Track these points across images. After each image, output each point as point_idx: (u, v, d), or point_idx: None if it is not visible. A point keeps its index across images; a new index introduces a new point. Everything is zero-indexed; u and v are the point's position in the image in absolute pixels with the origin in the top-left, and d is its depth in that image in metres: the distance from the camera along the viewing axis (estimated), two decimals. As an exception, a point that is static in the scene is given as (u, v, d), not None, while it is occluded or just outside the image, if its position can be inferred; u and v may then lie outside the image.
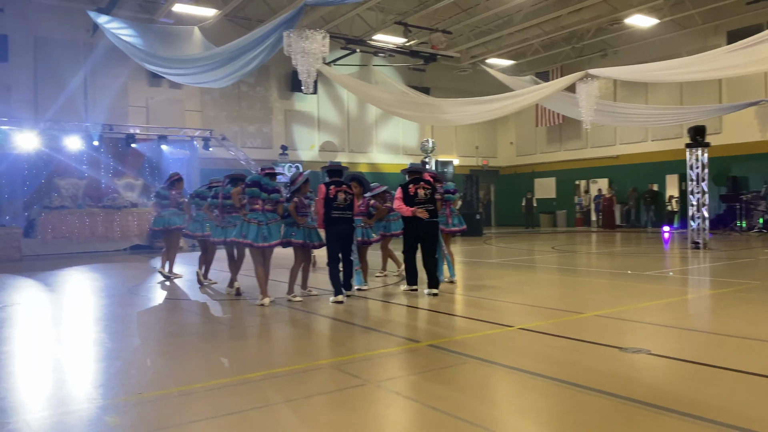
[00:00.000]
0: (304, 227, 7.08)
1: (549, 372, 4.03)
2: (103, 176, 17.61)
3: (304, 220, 7.06)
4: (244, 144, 21.94)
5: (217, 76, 11.24)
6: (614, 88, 24.13)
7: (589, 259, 12.53)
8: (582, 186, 26.85)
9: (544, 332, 5.27)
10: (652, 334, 5.28)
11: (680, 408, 3.31)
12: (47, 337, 5.63)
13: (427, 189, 7.61)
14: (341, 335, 5.55)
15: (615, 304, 6.67)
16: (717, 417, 3.16)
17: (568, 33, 22.73)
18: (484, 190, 28.87)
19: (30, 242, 15.25)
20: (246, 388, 3.83)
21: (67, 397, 3.76)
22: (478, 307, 6.86)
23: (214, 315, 6.73)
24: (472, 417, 3.27)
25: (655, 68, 14.03)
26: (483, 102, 15.06)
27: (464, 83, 26.35)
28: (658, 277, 9.13)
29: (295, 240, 7.03)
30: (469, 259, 12.39)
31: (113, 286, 9.22)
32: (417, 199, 7.49)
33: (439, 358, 4.53)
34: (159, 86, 20.27)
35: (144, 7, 18.97)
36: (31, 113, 17.79)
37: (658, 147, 23.65)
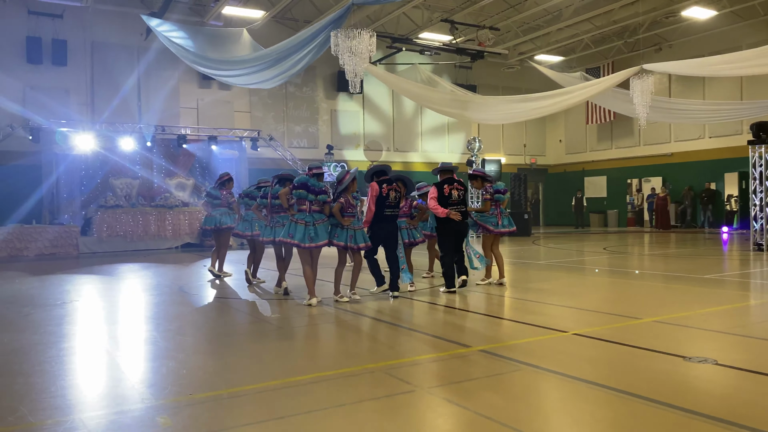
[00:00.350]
0: (348, 228, 7.02)
1: (607, 381, 3.86)
2: (156, 176, 18.07)
3: (348, 221, 6.96)
4: (291, 144, 22.17)
5: (266, 76, 11.37)
6: (669, 84, 23.31)
7: (643, 261, 12.10)
8: (634, 185, 26.05)
9: (600, 338, 5.08)
10: (717, 342, 5.01)
11: (751, 424, 3.10)
12: (103, 334, 5.76)
13: (460, 190, 7.64)
14: (389, 338, 5.48)
15: (674, 310, 6.39)
16: (795, 436, 2.95)
17: (621, 27, 22.05)
18: (532, 189, 28.36)
19: (86, 240, 15.78)
20: (295, 391, 3.80)
21: (120, 396, 3.81)
22: (528, 310, 6.68)
23: (262, 314, 6.77)
24: (526, 428, 3.14)
25: (714, 62, 13.48)
26: (532, 99, 14.77)
27: (511, 80, 25.94)
28: (719, 281, 8.72)
29: (337, 242, 6.98)
30: (517, 260, 12.15)
31: (165, 284, 9.42)
32: (451, 200, 7.51)
33: (490, 364, 4.41)
34: (209, 88, 20.68)
35: (194, 10, 19.38)
36: (87, 115, 18.42)
37: (716, 144, 22.71)
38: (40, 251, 15.02)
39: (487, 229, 8.42)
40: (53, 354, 4.90)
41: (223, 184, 9.95)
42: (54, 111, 17.27)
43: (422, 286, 8.44)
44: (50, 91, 18.00)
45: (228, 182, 9.98)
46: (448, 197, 7.50)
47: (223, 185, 9.94)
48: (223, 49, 14.22)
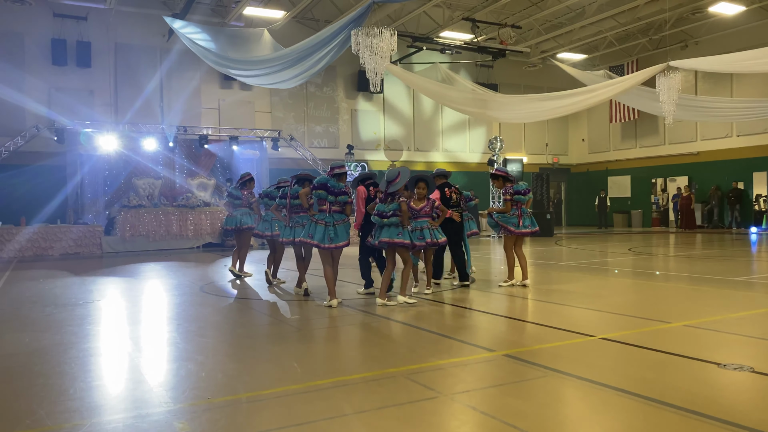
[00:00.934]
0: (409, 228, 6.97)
1: (638, 389, 3.71)
2: (178, 176, 18.20)
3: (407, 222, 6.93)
4: (312, 144, 22.17)
5: (287, 76, 11.35)
6: (695, 81, 22.85)
7: (670, 263, 11.82)
8: (659, 184, 25.60)
9: (628, 343, 4.92)
10: (752, 348, 4.83)
11: (796, 437, 2.94)
12: (123, 335, 5.75)
13: (457, 193, 8.43)
14: (411, 341, 5.38)
15: (705, 314, 6.19)
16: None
17: (645, 24, 21.68)
18: (554, 189, 28.03)
19: (110, 239, 15.94)
20: (316, 395, 3.72)
21: (139, 399, 3.77)
22: (553, 313, 6.52)
23: (282, 316, 6.71)
24: (556, 438, 3.02)
25: (742, 58, 13.16)
26: (555, 98, 14.57)
27: (533, 79, 25.66)
28: (751, 284, 8.47)
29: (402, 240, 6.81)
30: (540, 261, 11.96)
31: (186, 284, 9.43)
32: (451, 202, 8.21)
33: (516, 369, 4.28)
34: (230, 88, 20.78)
35: (216, 11, 19.47)
36: (111, 116, 18.61)
37: (744, 143, 22.20)
38: (65, 250, 15.21)
39: (508, 229, 8.28)
40: (74, 355, 4.89)
41: (244, 184, 9.93)
42: (78, 112, 17.49)
43: (444, 288, 8.32)
44: (75, 93, 18.24)
45: (249, 182, 9.95)
46: (449, 199, 8.17)
47: (244, 185, 9.92)
48: (244, 49, 14.26)
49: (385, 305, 6.81)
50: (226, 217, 10.26)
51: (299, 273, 8.06)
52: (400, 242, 6.75)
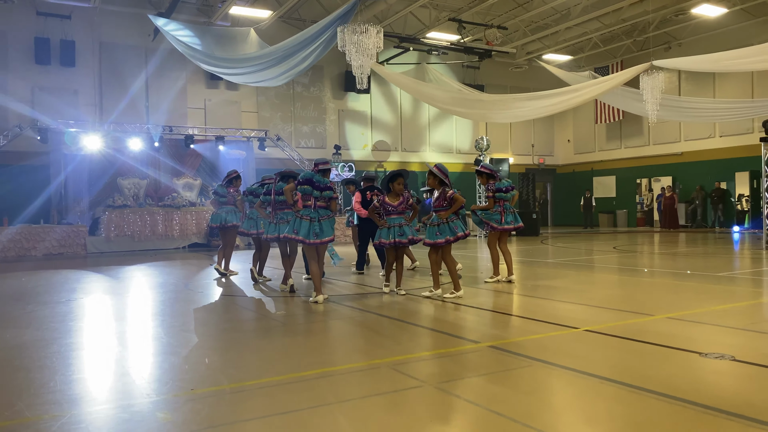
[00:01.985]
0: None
1: (621, 377, 3.73)
2: (163, 176, 18.06)
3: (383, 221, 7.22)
4: (299, 144, 22.12)
5: (274, 74, 11.31)
6: (679, 82, 23.10)
7: (654, 260, 11.93)
8: (644, 184, 25.83)
9: (612, 334, 4.95)
10: (734, 338, 4.88)
11: (775, 420, 2.98)
12: (106, 330, 5.69)
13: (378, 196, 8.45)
14: (396, 334, 5.37)
15: (688, 307, 6.25)
16: (820, 432, 2.82)
17: (630, 26, 21.90)
18: (540, 189, 28.19)
19: (94, 240, 15.78)
20: (300, 386, 3.71)
21: (121, 391, 3.73)
22: (538, 307, 6.55)
23: (268, 312, 6.68)
24: (538, 424, 3.03)
25: (725, 57, 13.30)
26: (540, 97, 14.64)
27: (519, 80, 25.80)
28: (733, 279, 8.56)
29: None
30: (526, 259, 12.01)
31: (171, 282, 9.36)
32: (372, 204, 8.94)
33: (500, 360, 4.29)
34: (216, 88, 20.69)
35: (202, 10, 19.37)
36: (96, 116, 18.44)
37: (726, 143, 22.47)
38: (48, 251, 15.02)
39: (492, 226, 8.29)
40: (55, 350, 4.83)
41: (230, 182, 9.87)
42: (62, 111, 17.31)
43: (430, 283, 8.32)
44: (58, 92, 18.05)
45: (235, 180, 9.88)
46: (370, 202, 8.62)
47: (231, 183, 9.86)
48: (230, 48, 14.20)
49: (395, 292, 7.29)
50: (212, 215, 10.19)
51: (285, 270, 8.03)
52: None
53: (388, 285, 7.52)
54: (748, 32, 20.87)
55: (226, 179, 9.93)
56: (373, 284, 8.54)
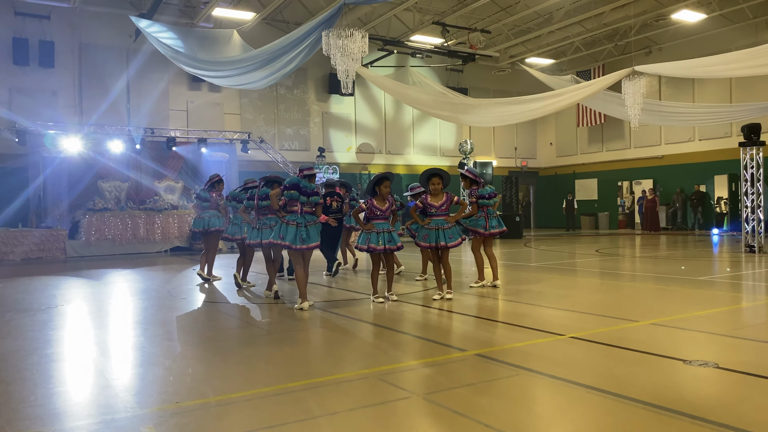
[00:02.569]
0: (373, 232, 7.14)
1: (608, 386, 3.75)
2: (145, 179, 17.86)
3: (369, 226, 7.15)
4: (282, 146, 22.02)
5: (258, 77, 11.24)
6: (659, 86, 23.39)
7: (637, 264, 12.05)
8: (625, 187, 26.11)
9: (598, 341, 4.98)
10: (716, 345, 4.94)
11: (760, 430, 3.01)
12: (88, 340, 5.60)
13: (338, 201, 9.74)
14: (383, 342, 5.36)
15: (671, 312, 6.31)
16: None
17: (611, 30, 22.13)
18: (523, 192, 28.37)
19: (74, 243, 15.55)
20: (287, 398, 3.67)
21: (104, 404, 3.66)
22: (523, 313, 6.58)
23: (252, 319, 6.62)
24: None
25: (705, 63, 13.50)
26: (523, 101, 14.73)
27: (503, 83, 25.95)
28: (714, 283, 8.68)
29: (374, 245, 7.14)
30: (510, 263, 12.07)
31: (153, 288, 9.25)
32: (331, 210, 9.42)
33: (487, 369, 4.29)
34: (199, 90, 20.52)
35: (184, 11, 19.20)
36: (75, 118, 18.19)
37: (705, 147, 22.80)
38: (26, 255, 14.76)
39: (478, 232, 8.33)
40: (35, 361, 4.74)
41: (213, 186, 9.77)
42: (41, 113, 17.03)
43: (416, 289, 8.32)
44: (37, 93, 17.77)
45: (218, 184, 9.79)
46: (329, 207, 9.38)
47: (213, 187, 9.77)
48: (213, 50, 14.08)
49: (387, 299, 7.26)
50: (194, 219, 10.07)
51: (269, 276, 7.98)
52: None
53: (378, 295, 7.27)
54: (727, 38, 21.21)
55: (209, 183, 9.84)
56: (357, 290, 8.51)
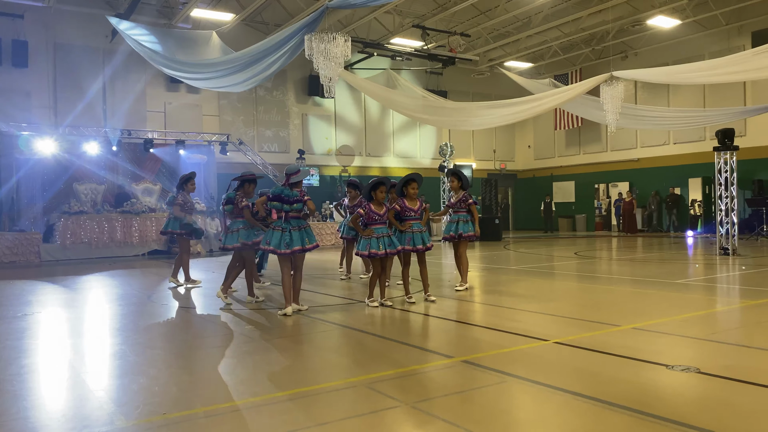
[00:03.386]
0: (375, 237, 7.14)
1: (595, 393, 3.80)
2: (122, 181, 17.61)
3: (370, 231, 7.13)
4: (261, 148, 21.88)
5: (238, 80, 11.15)
6: (635, 91, 23.76)
7: (616, 267, 12.22)
8: (602, 190, 26.47)
9: (582, 347, 5.04)
10: (697, 349, 5.03)
11: (744, 436, 3.07)
12: (68, 349, 5.49)
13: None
14: (369, 349, 5.35)
15: (652, 316, 6.41)
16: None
17: (588, 35, 22.44)
18: (502, 194, 28.58)
19: (49, 247, 15.26)
20: (275, 408, 3.65)
21: (89, 417, 3.60)
22: (507, 318, 6.62)
23: (236, 326, 6.56)
24: (519, 444, 3.05)
25: (681, 70, 13.74)
26: (504, 105, 14.84)
27: (482, 86, 26.13)
28: (692, 286, 8.84)
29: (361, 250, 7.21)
30: (491, 266, 12.15)
31: (133, 293, 9.11)
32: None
33: (475, 376, 4.31)
34: (177, 91, 20.30)
35: (162, 12, 18.98)
36: (50, 119, 17.86)
37: (680, 150, 23.23)
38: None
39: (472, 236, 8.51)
40: (14, 372, 4.63)
41: (181, 186, 9.39)
42: (13, 115, 16.69)
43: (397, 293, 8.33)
44: (10, 94, 17.41)
45: (186, 183, 9.31)
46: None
47: (182, 187, 9.40)
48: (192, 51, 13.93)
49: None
50: (171, 220, 9.62)
51: (248, 282, 7.89)
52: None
53: (375, 300, 7.28)
54: (700, 43, 21.67)
55: (180, 183, 9.43)
56: (341, 295, 8.49)
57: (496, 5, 19.56)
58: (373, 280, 7.37)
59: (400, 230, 7.41)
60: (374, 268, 7.29)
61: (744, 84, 20.58)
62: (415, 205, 7.44)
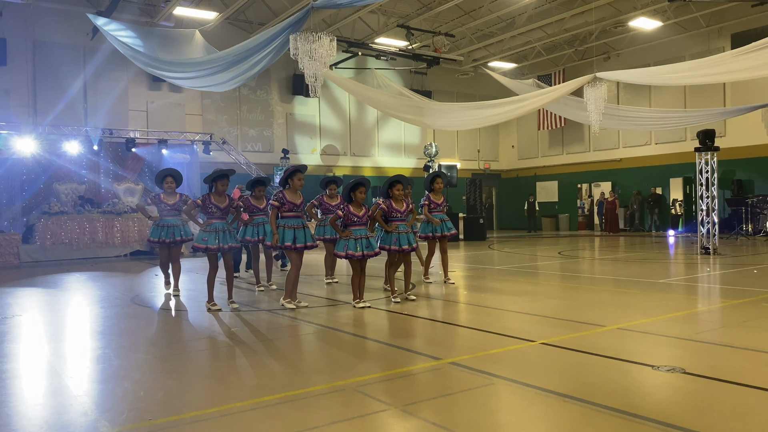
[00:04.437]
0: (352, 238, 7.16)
1: (582, 394, 3.82)
2: (103, 181, 17.39)
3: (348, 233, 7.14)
4: (245, 148, 21.74)
5: (222, 79, 11.06)
6: (617, 91, 23.99)
7: (599, 266, 12.33)
8: (584, 189, 26.69)
9: (568, 347, 5.07)
10: (681, 349, 5.08)
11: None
12: (50, 353, 5.40)
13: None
14: (356, 351, 5.34)
15: (636, 316, 6.47)
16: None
17: (571, 36, 22.61)
18: (486, 194, 28.70)
19: (29, 248, 15.02)
20: (263, 413, 3.62)
21: (73, 424, 3.53)
22: (493, 318, 6.65)
23: (221, 330, 6.50)
24: (508, 447, 3.05)
25: (662, 71, 13.87)
26: (488, 106, 14.88)
27: (466, 86, 26.21)
28: (675, 286, 8.94)
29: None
30: (476, 265, 12.19)
31: (116, 295, 9.00)
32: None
33: (463, 377, 4.32)
34: (159, 90, 20.08)
35: (144, 10, 18.77)
36: (29, 117, 17.58)
37: (661, 150, 23.51)
38: (-23, 261, 14.19)
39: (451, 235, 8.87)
40: (-5, 377, 4.55)
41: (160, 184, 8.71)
42: (-8, 113, 16.41)
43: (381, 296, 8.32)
44: (-12, 92, 17.10)
45: (164, 180, 8.51)
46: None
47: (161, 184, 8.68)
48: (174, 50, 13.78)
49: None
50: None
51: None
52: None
53: (360, 301, 7.26)
54: (681, 45, 21.94)
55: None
56: (323, 296, 8.46)
57: (481, 5, 19.63)
58: (354, 282, 7.34)
59: (387, 231, 7.41)
60: (353, 269, 7.29)
61: (724, 85, 20.87)
62: (401, 207, 7.48)
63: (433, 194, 8.82)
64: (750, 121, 19.93)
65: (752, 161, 20.66)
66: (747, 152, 20.70)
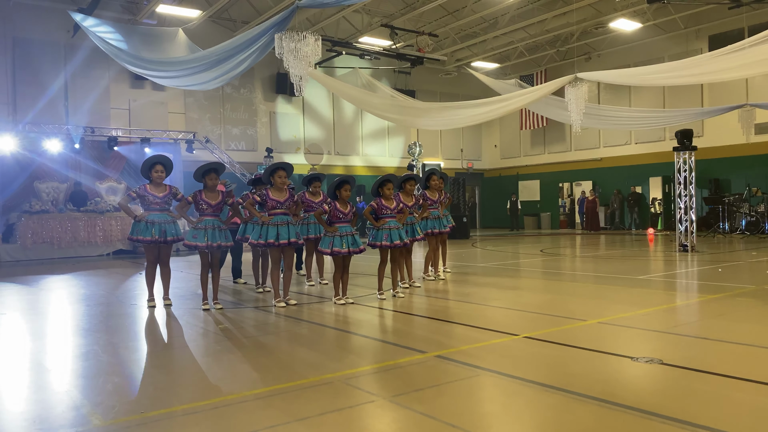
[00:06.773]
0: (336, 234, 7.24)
1: (565, 385, 3.94)
2: (85, 179, 17.24)
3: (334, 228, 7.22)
4: (228, 146, 21.68)
5: (206, 78, 11.05)
6: (598, 91, 24.31)
7: (580, 263, 12.53)
8: (566, 188, 27.01)
9: (550, 341, 5.19)
10: (659, 341, 5.23)
11: (707, 423, 3.24)
12: (37, 350, 5.41)
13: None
14: (344, 346, 5.41)
15: (616, 311, 6.63)
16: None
17: (553, 36, 22.86)
18: (469, 193, 28.91)
19: (9, 248, 14.87)
20: (253, 405, 3.68)
21: (65, 418, 3.57)
22: (477, 313, 6.76)
23: (208, 326, 6.53)
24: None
25: (642, 72, 14.14)
26: (471, 106, 15.04)
27: (449, 86, 26.37)
28: (654, 282, 9.14)
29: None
30: (459, 263, 12.32)
31: (100, 294, 8.97)
32: None
33: (449, 370, 4.42)
34: (142, 88, 19.95)
35: (126, 7, 18.64)
36: (9, 115, 17.37)
37: (641, 150, 23.88)
38: (-44, 260, 14.02)
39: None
40: (-17, 373, 4.55)
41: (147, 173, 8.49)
42: (-30, 110, 16.19)
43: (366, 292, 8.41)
44: (-34, 89, 16.87)
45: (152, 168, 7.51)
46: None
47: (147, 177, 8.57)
48: (157, 49, 13.73)
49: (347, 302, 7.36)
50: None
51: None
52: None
53: (341, 298, 7.34)
54: (661, 46, 22.31)
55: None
56: (311, 293, 8.53)
57: (464, 6, 19.79)
58: (336, 279, 7.41)
59: (377, 228, 7.49)
60: (336, 266, 7.35)
61: (701, 86, 21.26)
62: (391, 204, 7.54)
63: (429, 191, 9.28)
64: (727, 122, 20.30)
65: (729, 160, 21.08)
66: (724, 152, 21.12)
